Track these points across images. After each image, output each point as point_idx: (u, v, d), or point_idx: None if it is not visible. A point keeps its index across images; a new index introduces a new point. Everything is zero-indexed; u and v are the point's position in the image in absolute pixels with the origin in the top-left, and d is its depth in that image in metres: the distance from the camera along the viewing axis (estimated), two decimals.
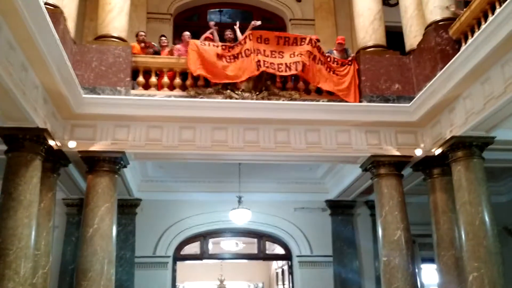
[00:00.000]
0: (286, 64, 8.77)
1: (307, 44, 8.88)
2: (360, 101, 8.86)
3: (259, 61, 8.66)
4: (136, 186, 11.32)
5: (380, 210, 8.68)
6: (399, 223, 8.46)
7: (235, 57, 8.76)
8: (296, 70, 8.72)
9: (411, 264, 8.33)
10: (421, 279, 11.18)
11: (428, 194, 9.02)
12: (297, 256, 12.05)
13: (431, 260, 9.54)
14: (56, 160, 8.24)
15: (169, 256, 11.73)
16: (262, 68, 8.63)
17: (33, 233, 7.11)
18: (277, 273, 15.51)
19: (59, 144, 7.99)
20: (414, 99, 8.53)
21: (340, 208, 12.07)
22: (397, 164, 8.82)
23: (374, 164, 8.85)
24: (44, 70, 6.72)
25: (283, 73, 8.75)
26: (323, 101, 8.88)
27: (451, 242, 8.42)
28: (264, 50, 8.79)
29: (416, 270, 8.85)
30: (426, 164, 8.89)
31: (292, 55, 8.83)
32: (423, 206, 9.35)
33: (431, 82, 8.01)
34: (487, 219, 7.60)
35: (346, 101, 8.82)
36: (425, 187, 9.20)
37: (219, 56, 8.73)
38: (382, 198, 8.71)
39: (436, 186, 8.81)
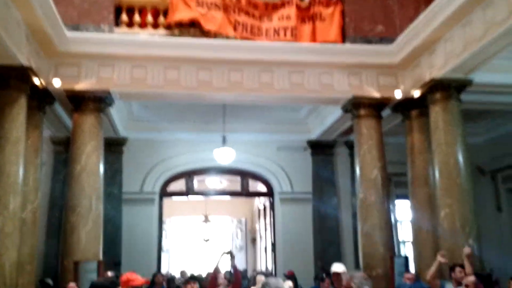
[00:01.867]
0: (274, 28, 8.81)
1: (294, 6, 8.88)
2: (343, 43, 8.93)
3: (238, 23, 8.66)
4: (122, 125, 11.43)
5: (359, 150, 9.00)
6: (376, 162, 8.81)
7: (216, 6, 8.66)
8: (285, 36, 8.75)
9: (386, 201, 8.76)
10: (395, 215, 11.73)
11: (405, 135, 9.31)
12: (279, 193, 12.48)
13: (405, 197, 9.98)
14: (41, 99, 8.29)
15: (155, 193, 12.06)
16: (238, 32, 8.63)
17: (21, 169, 7.28)
18: (259, 209, 16.03)
19: (44, 82, 8.01)
20: (397, 41, 8.63)
21: (321, 148, 12.40)
22: (377, 106, 9.05)
23: (355, 105, 9.06)
24: (26, 6, 6.64)
25: (271, 40, 8.76)
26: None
27: (425, 180, 8.79)
28: (253, 14, 8.76)
29: (391, 207, 9.33)
30: (405, 106, 9.12)
31: (280, 19, 8.82)
32: (400, 147, 9.66)
33: (413, 23, 8.08)
34: (461, 158, 7.91)
35: (330, 42, 8.89)
36: (403, 128, 9.48)
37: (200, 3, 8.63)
38: (361, 138, 9.00)
39: (413, 127, 9.09)
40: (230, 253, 7.27)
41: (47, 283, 8.82)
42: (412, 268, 8.85)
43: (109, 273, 7.79)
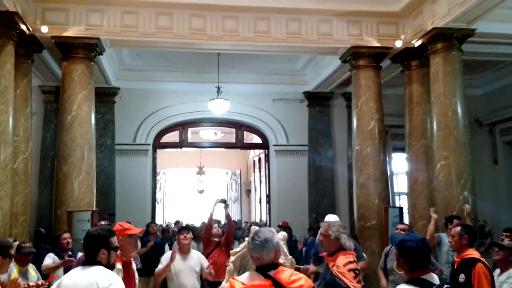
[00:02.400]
0: None
1: None
2: None
3: None
4: (113, 75, 11.17)
5: (357, 101, 8.85)
6: (373, 113, 8.68)
7: None
8: None
9: (382, 153, 8.70)
10: (391, 167, 11.72)
11: (404, 86, 9.16)
12: (274, 145, 12.38)
13: (402, 149, 9.94)
14: (29, 46, 8.01)
15: (148, 144, 11.93)
16: None
17: (11, 119, 7.12)
18: (254, 161, 16.03)
19: (31, 28, 7.71)
20: None
21: (317, 100, 12.24)
22: (376, 56, 8.83)
23: (354, 55, 8.83)
24: None
25: None
26: None
27: (423, 132, 8.73)
28: None
29: (387, 159, 9.27)
30: (405, 56, 8.91)
31: None
32: (398, 98, 9.52)
33: None
34: (459, 110, 7.81)
35: None
36: (402, 79, 9.33)
37: None
38: (359, 89, 8.83)
39: (413, 78, 8.92)
40: (224, 201, 7.23)
41: (40, 232, 8.81)
42: (406, 219, 8.92)
43: (103, 223, 7.76)
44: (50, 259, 6.31)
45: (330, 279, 3.73)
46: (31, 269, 5.48)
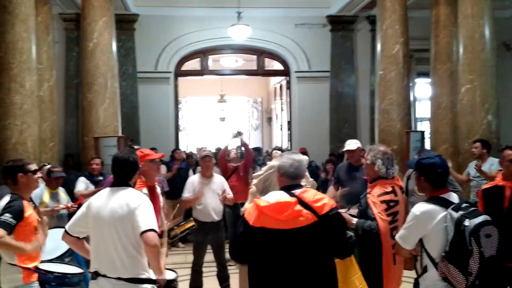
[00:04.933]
0: None
1: None
2: None
3: None
4: (133, 0, 10.99)
5: (381, 24, 8.60)
6: (398, 37, 8.46)
7: None
8: None
9: (406, 77, 8.56)
10: (414, 92, 11.58)
11: (430, 8, 8.84)
12: (295, 71, 12.24)
13: (426, 74, 9.77)
14: None
15: (170, 72, 11.92)
16: None
17: (34, 47, 7.14)
18: (275, 89, 15.96)
19: None
20: None
21: (340, 24, 11.92)
22: None
23: None
24: None
25: None
26: None
27: (448, 55, 8.55)
28: None
29: (410, 84, 9.15)
30: None
31: None
32: (424, 21, 9.23)
33: None
34: (487, 33, 7.58)
35: None
36: (428, 0, 8.97)
37: None
38: (385, 11, 8.55)
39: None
40: (239, 132, 7.40)
41: (70, 158, 9.12)
42: (427, 145, 8.94)
43: (136, 147, 8.00)
44: (82, 184, 6.58)
45: (363, 206, 3.65)
46: (61, 192, 5.74)
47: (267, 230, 2.76)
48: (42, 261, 3.46)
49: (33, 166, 3.72)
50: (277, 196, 2.87)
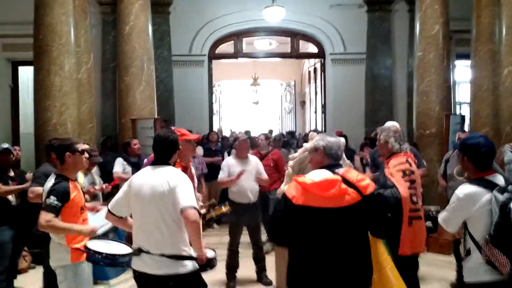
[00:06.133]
0: None
1: None
2: None
3: None
4: None
5: (420, 4, 8.37)
6: (438, 17, 8.23)
7: None
8: None
9: (446, 59, 8.33)
10: (453, 75, 11.25)
11: None
12: (330, 54, 12.07)
13: (466, 56, 9.46)
14: None
15: (204, 55, 11.95)
16: None
17: (72, 30, 7.25)
18: (309, 72, 15.80)
19: None
20: None
21: (377, 4, 11.64)
22: None
23: None
24: None
25: None
26: None
27: (490, 36, 8.22)
28: None
29: (450, 66, 8.89)
30: None
31: None
32: (465, 1, 8.90)
33: None
34: None
35: None
36: None
37: None
38: None
39: None
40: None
41: (108, 139, 9.29)
42: (466, 128, 8.71)
43: (173, 128, 8.09)
44: (119, 165, 6.71)
45: (382, 180, 3.92)
46: (94, 174, 5.87)
47: (311, 209, 2.74)
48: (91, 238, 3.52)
49: (81, 146, 3.71)
50: (321, 174, 2.84)
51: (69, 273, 3.54)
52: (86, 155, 3.75)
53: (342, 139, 3.17)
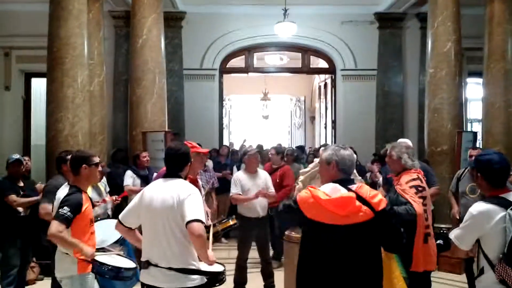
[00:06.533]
0: None
1: None
2: None
3: None
4: None
5: (433, 21, 8.36)
6: (450, 34, 8.20)
7: None
8: None
9: (458, 76, 8.29)
10: (465, 92, 11.20)
11: (484, 5, 8.53)
12: (341, 69, 12.06)
13: (478, 74, 9.45)
14: None
15: (215, 69, 12.00)
16: None
17: (86, 42, 7.33)
18: (319, 87, 15.80)
19: None
20: None
21: (389, 21, 11.65)
22: None
23: None
24: None
25: None
26: None
27: (503, 54, 8.25)
28: None
29: (462, 83, 8.86)
30: None
31: None
32: (476, 18, 8.93)
33: None
34: None
35: None
36: None
37: None
38: (436, 8, 8.30)
39: None
40: None
41: (119, 152, 9.32)
42: (478, 145, 8.64)
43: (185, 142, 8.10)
44: (129, 178, 6.72)
45: (393, 197, 3.95)
46: (101, 185, 5.89)
47: (322, 225, 2.71)
48: (97, 250, 3.51)
49: (97, 159, 3.75)
50: (335, 189, 2.81)
51: (75, 284, 3.52)
52: (100, 168, 3.78)
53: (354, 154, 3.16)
